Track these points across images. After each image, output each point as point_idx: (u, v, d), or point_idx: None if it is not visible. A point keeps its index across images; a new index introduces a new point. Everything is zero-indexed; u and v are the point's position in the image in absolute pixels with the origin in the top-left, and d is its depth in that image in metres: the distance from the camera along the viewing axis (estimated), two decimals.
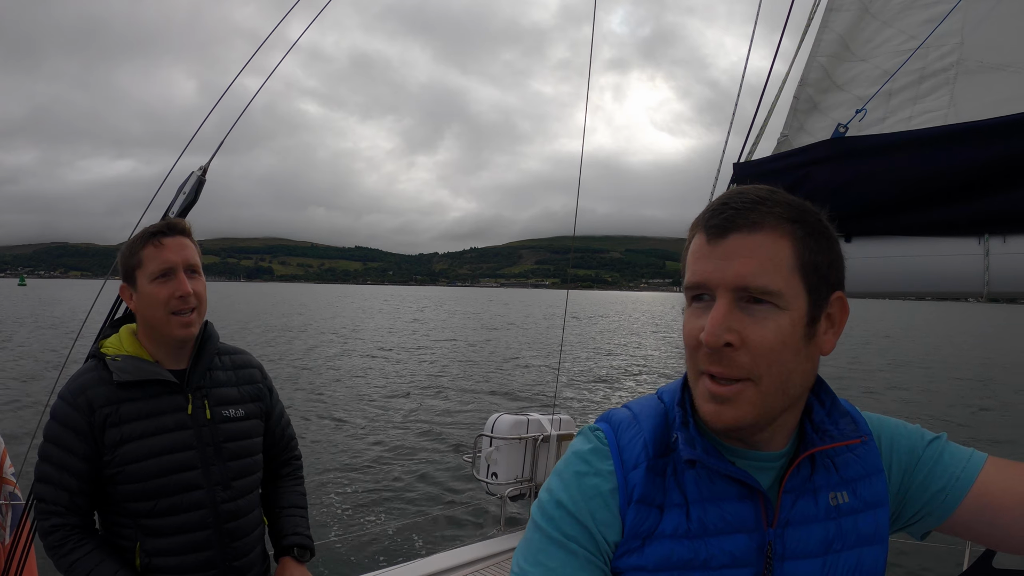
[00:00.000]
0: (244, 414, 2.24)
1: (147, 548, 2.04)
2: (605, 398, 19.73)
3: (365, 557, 7.60)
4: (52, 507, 2.01)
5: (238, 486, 2.18)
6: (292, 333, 41.67)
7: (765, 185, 1.12)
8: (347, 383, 21.75)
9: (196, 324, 2.13)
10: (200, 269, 2.16)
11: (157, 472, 2.02)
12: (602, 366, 27.82)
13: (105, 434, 1.99)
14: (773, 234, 1.04)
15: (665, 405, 1.20)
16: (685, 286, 1.12)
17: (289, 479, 2.53)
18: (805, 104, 3.12)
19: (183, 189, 2.78)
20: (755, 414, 1.06)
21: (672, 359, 31.82)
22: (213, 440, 2.13)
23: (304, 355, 29.93)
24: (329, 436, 13.88)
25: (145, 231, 2.15)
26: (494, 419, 5.60)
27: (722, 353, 1.03)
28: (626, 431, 1.17)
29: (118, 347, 2.13)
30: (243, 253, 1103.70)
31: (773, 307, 1.03)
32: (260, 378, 2.39)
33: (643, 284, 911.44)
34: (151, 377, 2.07)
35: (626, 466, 1.13)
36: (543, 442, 5.55)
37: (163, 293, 2.05)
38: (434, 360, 29.28)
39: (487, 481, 5.50)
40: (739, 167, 3.01)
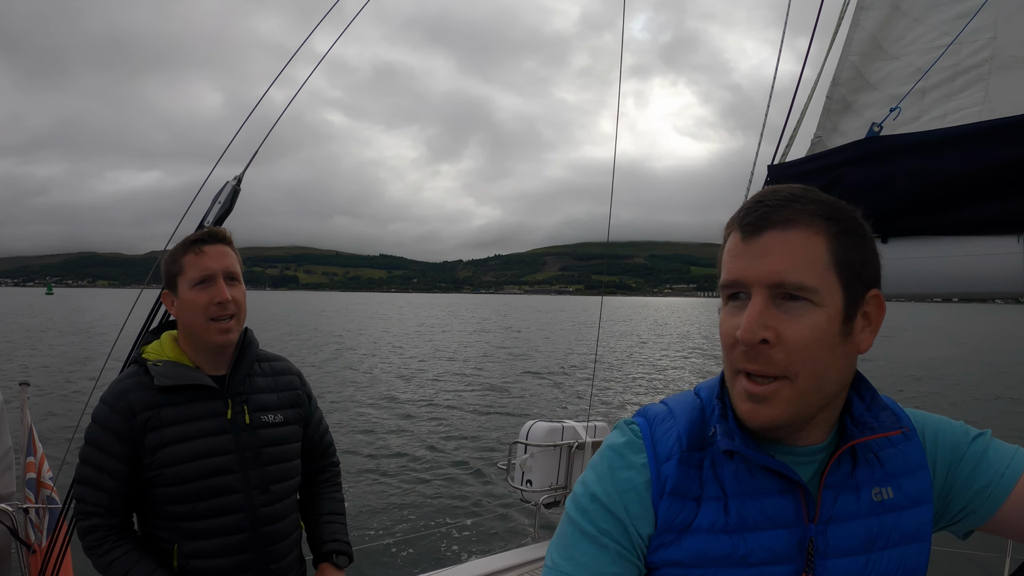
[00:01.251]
0: (283, 420, 2.27)
1: (184, 550, 2.07)
2: (640, 402, 19.61)
3: (398, 564, 7.61)
4: (91, 508, 2.06)
5: (275, 490, 2.20)
6: (320, 339, 41.80)
7: None
8: (379, 390, 21.76)
9: (235, 331, 2.16)
10: (240, 277, 2.19)
11: (196, 475, 2.06)
12: (636, 372, 27.69)
13: (145, 437, 2.03)
14: (807, 231, 1.04)
15: (702, 400, 1.19)
16: (721, 284, 1.11)
17: (327, 485, 2.54)
18: (838, 104, 3.11)
19: (218, 199, 2.84)
20: (791, 412, 1.05)
21: (705, 363, 31.66)
22: (252, 445, 2.16)
23: (334, 361, 30.04)
24: (361, 442, 13.90)
25: (187, 239, 2.19)
26: (528, 426, 5.58)
27: (758, 350, 1.03)
28: (661, 424, 1.17)
29: (159, 352, 2.17)
30: (268, 262, 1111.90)
31: (809, 304, 1.02)
32: (299, 385, 2.41)
33: (667, 289, 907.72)
34: (191, 382, 2.11)
35: (659, 458, 1.13)
36: (578, 449, 5.51)
37: (202, 299, 2.08)
38: (467, 367, 29.25)
39: (521, 488, 5.47)
40: (774, 169, 2.99)
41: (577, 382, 24.06)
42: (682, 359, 34.38)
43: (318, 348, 36.72)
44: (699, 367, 30.40)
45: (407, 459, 12.70)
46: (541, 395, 21.22)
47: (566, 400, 20.08)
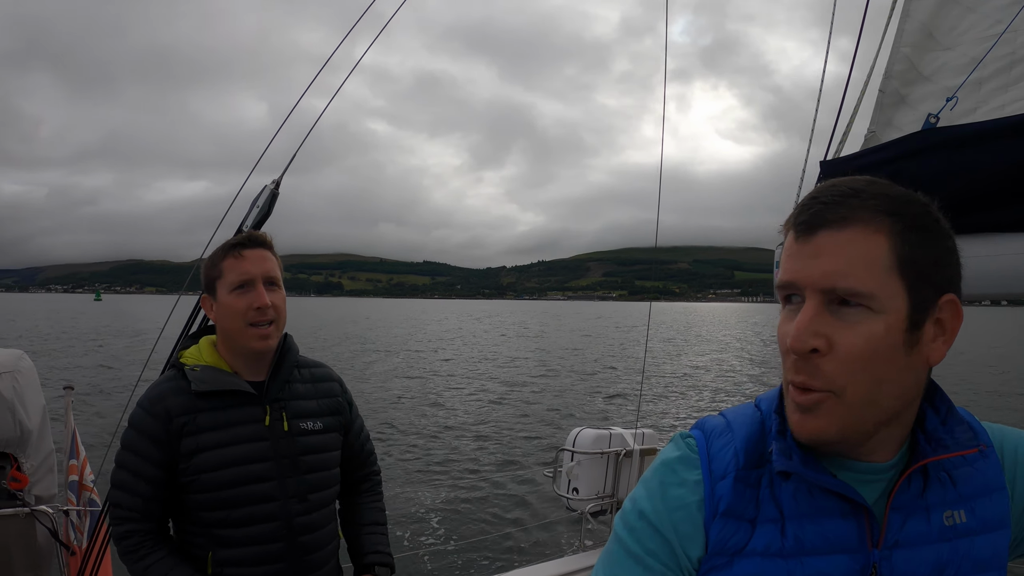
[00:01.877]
0: (322, 427, 2.23)
1: (219, 558, 2.04)
2: (689, 411, 19.45)
3: (441, 572, 7.59)
4: (127, 513, 2.04)
5: (313, 499, 2.16)
6: (363, 345, 42.06)
7: None
8: (423, 395, 21.87)
9: (274, 337, 2.13)
10: (280, 282, 2.16)
11: (231, 482, 2.03)
12: (684, 379, 27.44)
13: (181, 443, 2.01)
14: (865, 229, 0.95)
15: (762, 413, 1.12)
16: (776, 286, 1.04)
17: (368, 495, 2.50)
18: (891, 98, 3.01)
19: (257, 203, 2.84)
20: (839, 426, 0.97)
21: (757, 369, 31.28)
22: (289, 452, 2.12)
23: (376, 366, 30.23)
24: (406, 448, 13.96)
25: (227, 243, 2.18)
26: (575, 433, 5.50)
27: (808, 360, 0.96)
28: (718, 439, 1.10)
29: (197, 357, 2.15)
30: (313, 269, 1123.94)
31: (865, 310, 0.94)
32: (339, 392, 2.38)
33: (711, 295, 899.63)
34: (229, 387, 2.08)
35: (714, 476, 1.06)
36: (626, 457, 5.44)
37: (241, 304, 2.06)
38: (513, 372, 29.25)
39: (567, 496, 5.40)
40: (826, 165, 2.90)
41: (625, 388, 23.92)
42: (731, 366, 34.01)
43: (361, 353, 36.97)
44: (752, 375, 30.04)
45: (450, 465, 12.70)
46: (589, 401, 21.15)
47: (614, 406, 19.96)
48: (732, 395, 22.90)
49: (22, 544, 3.51)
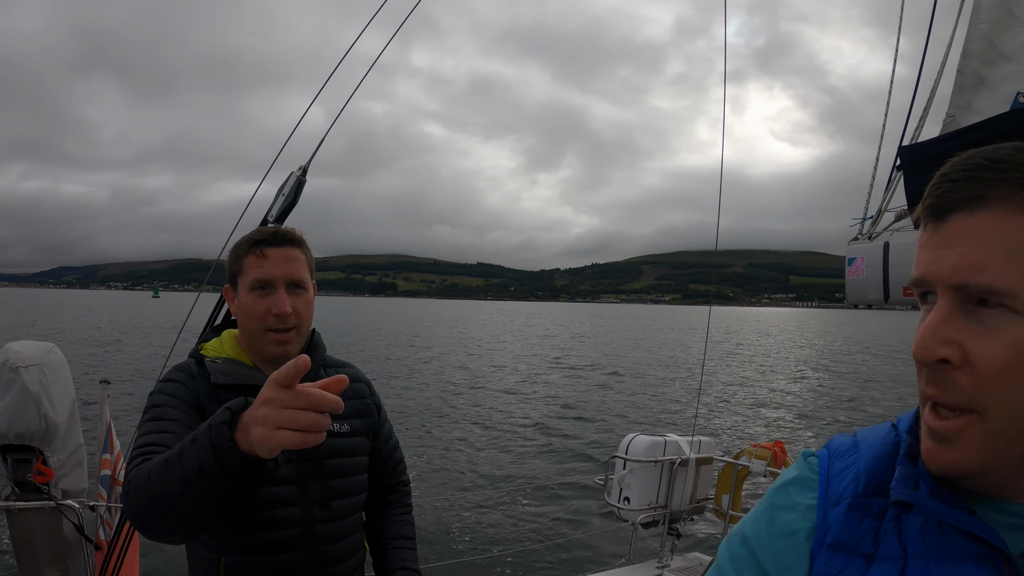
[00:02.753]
0: (350, 430, 2.08)
1: (231, 564, 1.86)
2: (748, 419, 19.11)
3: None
4: (155, 450, 1.66)
5: (337, 507, 2.00)
6: (413, 346, 42.38)
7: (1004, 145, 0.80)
8: (474, 397, 21.93)
9: (294, 343, 1.97)
10: (307, 284, 2.01)
11: None
12: (745, 386, 27.07)
13: None
14: (1005, 210, 0.75)
15: (897, 433, 0.92)
16: (910, 282, 0.85)
17: (396, 507, 2.35)
18: (971, 79, 2.84)
19: (283, 191, 2.74)
20: (981, 458, 0.78)
21: (830, 380, 30.75)
22: (314, 455, 1.95)
23: (425, 368, 30.41)
24: (451, 452, 13.91)
25: (251, 237, 2.01)
26: (629, 439, 5.33)
27: (940, 371, 0.78)
28: (841, 459, 0.94)
29: (219, 350, 2.03)
30: (368, 269, 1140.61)
31: (1007, 311, 0.75)
32: (367, 393, 2.23)
33: (765, 299, 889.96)
34: (250, 382, 1.91)
35: (829, 501, 0.90)
36: (681, 466, 5.24)
37: (260, 308, 1.92)
38: (566, 375, 29.20)
39: (619, 506, 5.23)
40: (905, 151, 2.72)
41: (683, 394, 23.65)
42: (797, 373, 33.50)
43: (410, 351, 37.21)
44: (815, 386, 29.51)
45: (497, 470, 12.62)
46: (645, 406, 20.92)
47: (669, 413, 19.68)
48: (789, 403, 22.43)
49: (47, 538, 3.48)
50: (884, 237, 3.04)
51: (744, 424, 18.06)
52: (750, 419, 18.98)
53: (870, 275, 2.94)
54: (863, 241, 3.15)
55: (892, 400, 23.19)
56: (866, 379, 30.20)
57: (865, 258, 2.97)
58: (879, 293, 2.88)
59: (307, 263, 2.03)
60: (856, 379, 30.24)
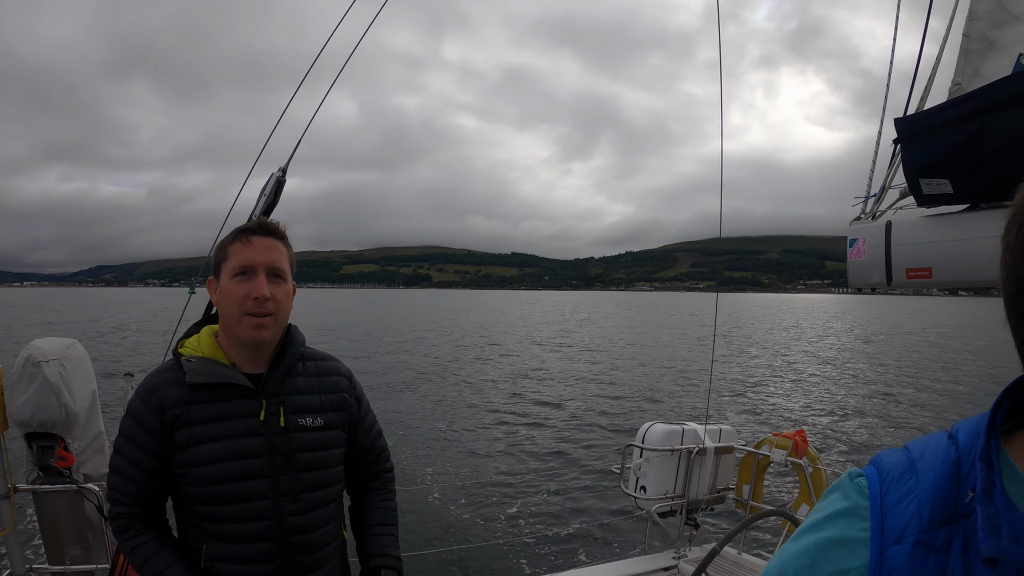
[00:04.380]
0: (323, 423, 2.13)
1: (211, 552, 2.00)
2: (769, 408, 18.90)
3: (499, 568, 7.49)
4: (120, 496, 2.02)
5: (308, 499, 2.08)
6: (441, 334, 42.46)
7: None
8: (491, 383, 21.97)
9: (270, 329, 2.03)
10: (287, 275, 2.09)
11: (222, 477, 1.97)
12: (768, 374, 26.80)
13: (175, 434, 1.97)
14: None
15: (959, 450, 0.82)
16: None
17: (378, 493, 2.40)
18: (978, 43, 2.74)
19: (264, 191, 2.80)
20: None
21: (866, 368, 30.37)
22: (285, 449, 2.04)
23: (448, 356, 30.46)
24: (467, 439, 13.98)
25: (238, 228, 2.12)
26: (646, 428, 5.30)
27: None
28: (897, 484, 0.82)
29: (195, 348, 2.09)
30: (402, 261, 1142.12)
31: None
32: (346, 387, 2.25)
33: (800, 285, 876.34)
34: (224, 380, 2.01)
35: (886, 537, 0.79)
36: (698, 455, 5.20)
37: (239, 291, 1.99)
38: (586, 363, 29.10)
39: (635, 495, 5.20)
40: (901, 123, 2.63)
41: (705, 382, 23.47)
42: (822, 360, 33.10)
43: (433, 343, 37.29)
44: (840, 374, 29.14)
45: (512, 457, 12.65)
46: (669, 393, 20.79)
47: (689, 401, 19.55)
48: (832, 398, 22.17)
49: (70, 518, 3.71)
50: (888, 216, 2.95)
51: (765, 412, 17.89)
52: (771, 407, 18.79)
53: (872, 257, 2.85)
54: (865, 221, 3.06)
55: (929, 394, 22.81)
56: (893, 367, 29.75)
57: (867, 239, 2.88)
58: (881, 276, 2.78)
59: (288, 257, 2.10)
60: (882, 367, 29.80)
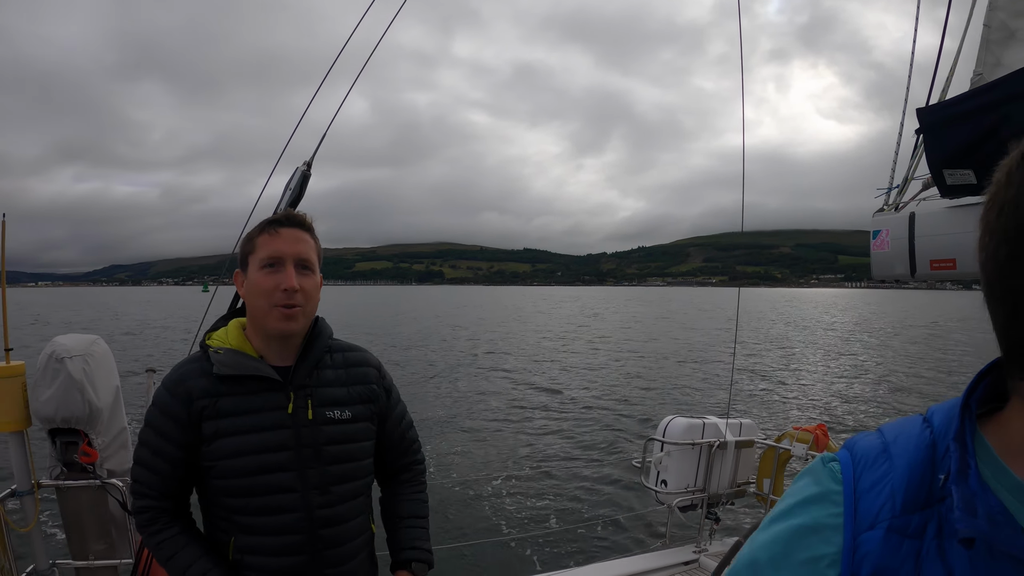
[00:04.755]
0: (351, 416, 2.11)
1: (240, 544, 2.00)
2: (790, 402, 18.84)
3: (518, 563, 7.47)
4: (145, 489, 2.02)
5: (337, 491, 2.07)
6: (455, 330, 42.53)
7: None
8: (510, 379, 21.97)
9: (299, 320, 2.02)
10: (314, 267, 2.08)
11: (250, 470, 1.96)
12: (787, 368, 26.68)
13: (202, 426, 1.96)
14: None
15: (933, 434, 0.80)
16: None
17: (409, 486, 2.39)
18: (999, 33, 2.70)
19: (289, 185, 2.81)
20: None
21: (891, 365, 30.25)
22: (313, 442, 2.03)
23: (466, 350, 30.47)
24: (486, 433, 13.98)
25: (265, 219, 2.11)
26: (667, 422, 5.29)
27: None
28: (870, 469, 0.80)
29: (223, 340, 2.08)
30: (414, 258, 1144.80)
31: None
32: (375, 378, 2.24)
33: (813, 280, 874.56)
34: (251, 372, 2.00)
35: (859, 522, 0.77)
36: (719, 449, 5.19)
37: (268, 283, 1.98)
38: (604, 357, 29.09)
39: (655, 489, 5.19)
40: (923, 112, 2.61)
41: (723, 376, 23.39)
42: (840, 354, 32.98)
43: (449, 339, 37.31)
44: (859, 367, 29.01)
45: (532, 451, 12.64)
46: (689, 387, 20.74)
47: (708, 395, 19.50)
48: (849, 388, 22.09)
49: (94, 514, 3.74)
50: (911, 207, 2.93)
51: (786, 406, 17.82)
52: (792, 401, 18.71)
53: (895, 248, 2.83)
54: (888, 212, 3.04)
55: (945, 388, 22.70)
56: (913, 361, 29.61)
57: (890, 230, 2.86)
58: (905, 267, 2.76)
59: (316, 249, 2.09)
60: (902, 361, 29.66)
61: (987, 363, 0.80)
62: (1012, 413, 0.75)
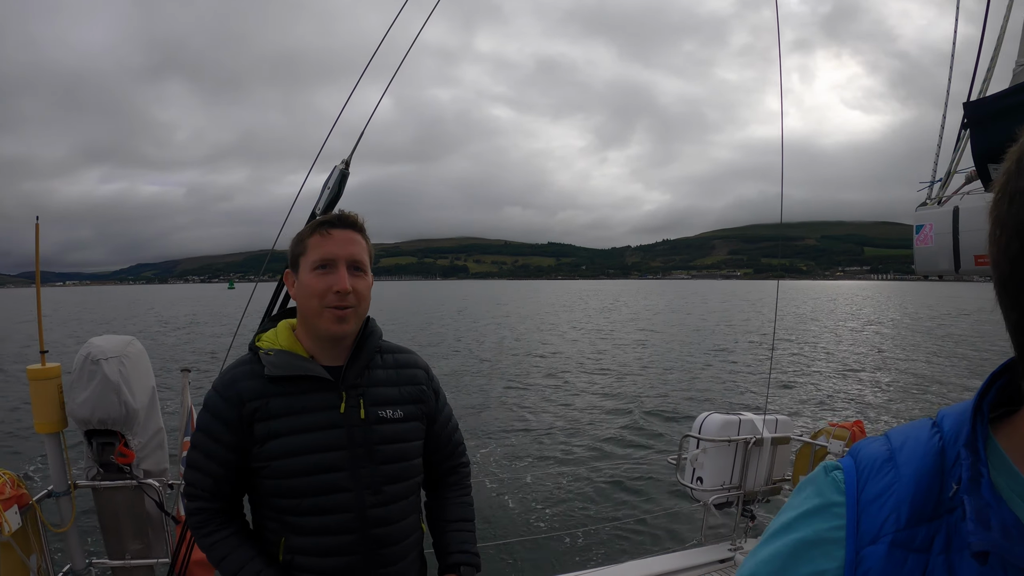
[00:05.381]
0: (402, 415, 2.12)
1: (291, 545, 2.01)
2: (827, 397, 18.69)
3: (552, 559, 7.44)
4: (198, 491, 2.04)
5: (389, 491, 2.07)
6: (484, 325, 42.60)
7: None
8: (545, 374, 21.97)
9: (351, 321, 2.03)
10: (366, 267, 2.07)
11: (303, 470, 1.97)
12: (823, 363, 26.47)
13: (254, 428, 1.97)
14: None
15: (943, 440, 0.75)
16: None
17: (455, 489, 2.39)
18: None
19: (328, 184, 2.81)
20: None
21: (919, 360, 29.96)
22: (365, 441, 2.03)
23: (497, 345, 30.48)
24: (520, 429, 13.96)
25: (316, 220, 2.12)
26: (702, 418, 5.25)
27: None
28: (875, 478, 0.76)
29: (273, 341, 2.10)
30: (439, 253, 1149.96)
31: None
32: (424, 379, 2.25)
33: (839, 272, 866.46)
34: (303, 373, 2.01)
35: (862, 536, 0.72)
36: (755, 446, 5.14)
37: (320, 285, 1.98)
38: (636, 352, 29.03)
39: (691, 486, 5.15)
40: (971, 107, 2.58)
41: (757, 372, 23.26)
42: (875, 349, 32.69)
43: (477, 334, 37.39)
44: (894, 362, 28.74)
45: (566, 448, 12.59)
46: (724, 382, 20.63)
47: (743, 391, 19.39)
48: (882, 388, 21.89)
49: (131, 514, 3.78)
50: (954, 201, 2.88)
51: (823, 402, 17.66)
52: (828, 397, 18.54)
53: (939, 243, 2.77)
54: (931, 206, 2.99)
55: (977, 380, 22.41)
56: (947, 356, 29.28)
57: (934, 224, 2.80)
58: (949, 262, 2.71)
59: (367, 249, 2.09)
60: (936, 356, 29.34)
61: (1000, 364, 0.76)
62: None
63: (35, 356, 3.61)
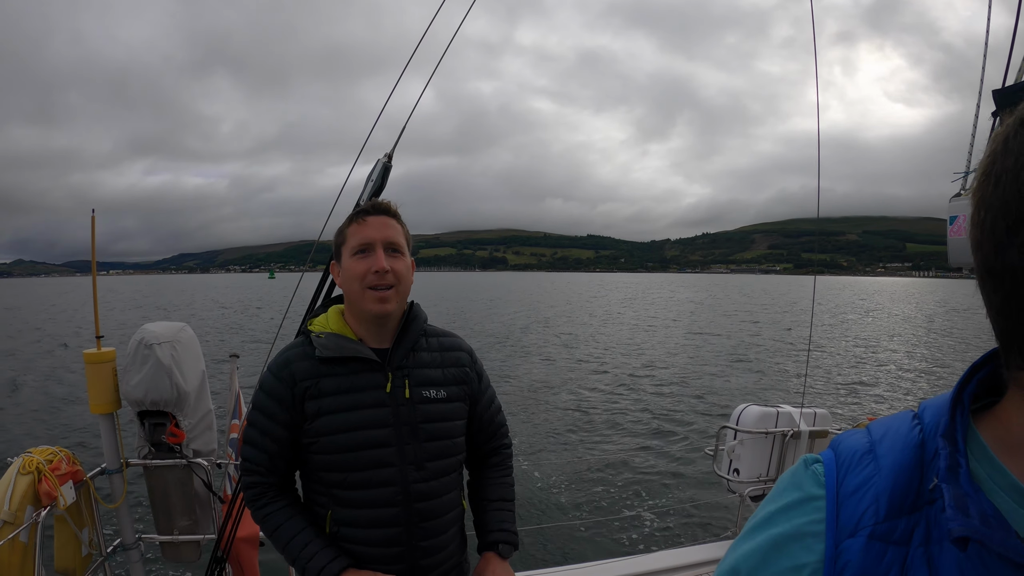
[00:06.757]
0: (446, 396, 2.23)
1: (337, 517, 2.12)
2: (865, 391, 18.50)
3: (589, 547, 7.49)
4: (253, 467, 2.17)
5: (432, 467, 2.17)
6: (525, 315, 42.62)
7: None
8: (586, 363, 22.04)
9: (393, 301, 2.14)
10: (404, 249, 2.19)
11: (350, 446, 2.08)
12: (862, 357, 26.17)
13: (305, 405, 2.09)
14: None
15: (923, 432, 0.75)
16: None
17: (497, 469, 2.48)
18: None
19: (371, 176, 2.91)
20: None
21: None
22: (410, 419, 2.14)
23: (537, 335, 30.53)
24: (565, 416, 14.04)
25: (353, 211, 2.26)
26: (740, 410, 5.25)
27: None
28: (855, 470, 0.75)
29: (324, 325, 2.22)
30: (478, 244, 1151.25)
31: None
32: (468, 362, 2.35)
33: (880, 268, 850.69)
34: (352, 354, 2.13)
35: (841, 528, 0.72)
36: (792, 438, 5.12)
37: (360, 268, 2.11)
38: (675, 343, 28.92)
39: (728, 478, 5.15)
40: (1000, 95, 2.54)
41: (797, 365, 23.07)
42: (913, 344, 32.24)
43: (520, 324, 37.41)
44: (932, 357, 28.33)
45: (604, 436, 12.64)
46: (763, 375, 20.51)
47: (781, 384, 19.26)
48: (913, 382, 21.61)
49: (180, 491, 3.96)
50: None
51: (860, 396, 17.49)
52: (867, 390, 18.35)
53: None
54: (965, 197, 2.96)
55: None
56: None
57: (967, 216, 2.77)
58: None
59: (404, 233, 2.20)
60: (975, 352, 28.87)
61: (981, 355, 0.76)
62: (1009, 406, 0.70)
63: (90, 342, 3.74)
